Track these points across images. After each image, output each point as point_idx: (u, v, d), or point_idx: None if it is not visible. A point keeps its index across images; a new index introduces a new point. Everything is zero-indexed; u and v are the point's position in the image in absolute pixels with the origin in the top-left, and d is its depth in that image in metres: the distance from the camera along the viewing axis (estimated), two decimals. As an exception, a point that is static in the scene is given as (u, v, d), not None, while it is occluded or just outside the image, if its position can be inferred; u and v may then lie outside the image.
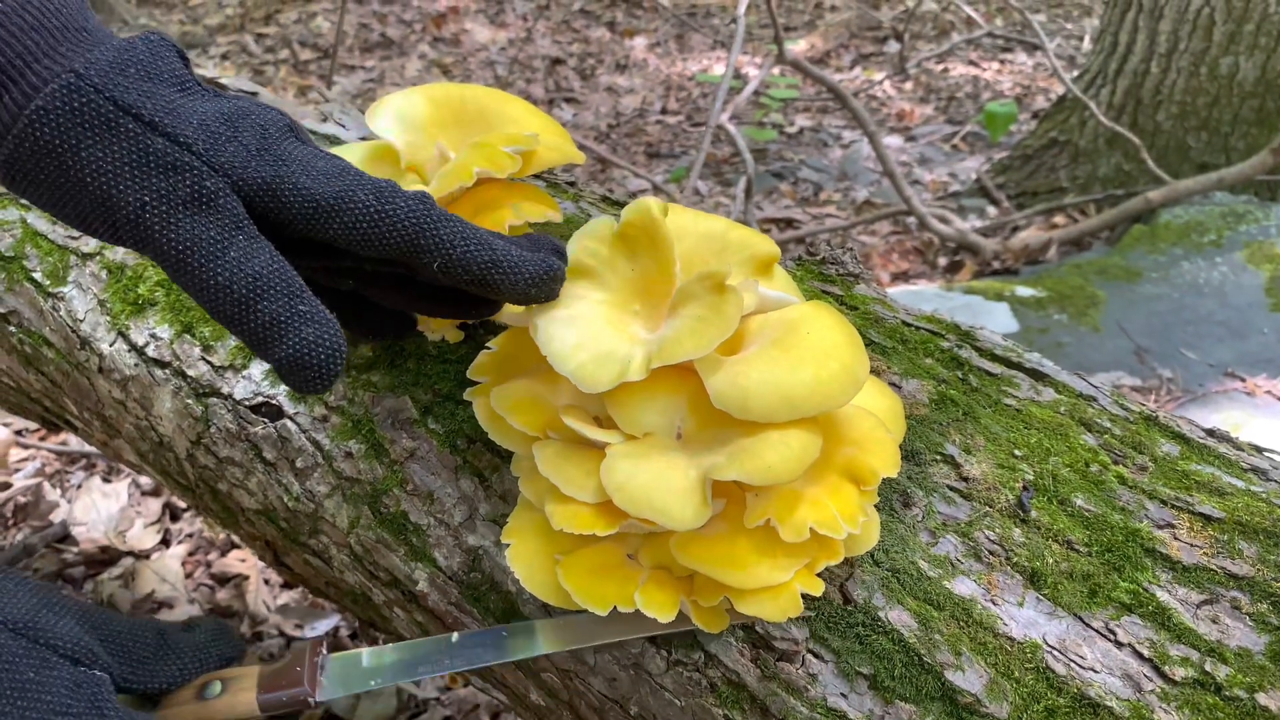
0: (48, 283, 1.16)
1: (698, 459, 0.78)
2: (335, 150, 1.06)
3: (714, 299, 0.78)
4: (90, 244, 1.16)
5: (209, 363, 1.07)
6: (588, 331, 0.80)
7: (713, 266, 0.82)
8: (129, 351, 1.11)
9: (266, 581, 2.20)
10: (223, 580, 2.22)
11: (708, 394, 0.78)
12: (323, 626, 2.08)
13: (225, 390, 1.05)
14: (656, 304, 0.83)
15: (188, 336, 1.08)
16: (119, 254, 1.15)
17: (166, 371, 1.09)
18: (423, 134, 1.04)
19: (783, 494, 0.78)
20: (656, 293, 0.83)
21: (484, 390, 0.87)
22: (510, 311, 0.88)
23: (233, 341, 1.07)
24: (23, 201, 1.22)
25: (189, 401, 1.07)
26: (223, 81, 1.37)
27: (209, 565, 2.26)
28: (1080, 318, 2.99)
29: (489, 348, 0.91)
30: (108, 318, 1.13)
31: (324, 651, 0.88)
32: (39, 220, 1.19)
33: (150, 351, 1.09)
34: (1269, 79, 3.68)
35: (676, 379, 0.81)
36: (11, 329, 1.20)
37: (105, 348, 1.12)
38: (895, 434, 0.85)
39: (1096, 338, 2.93)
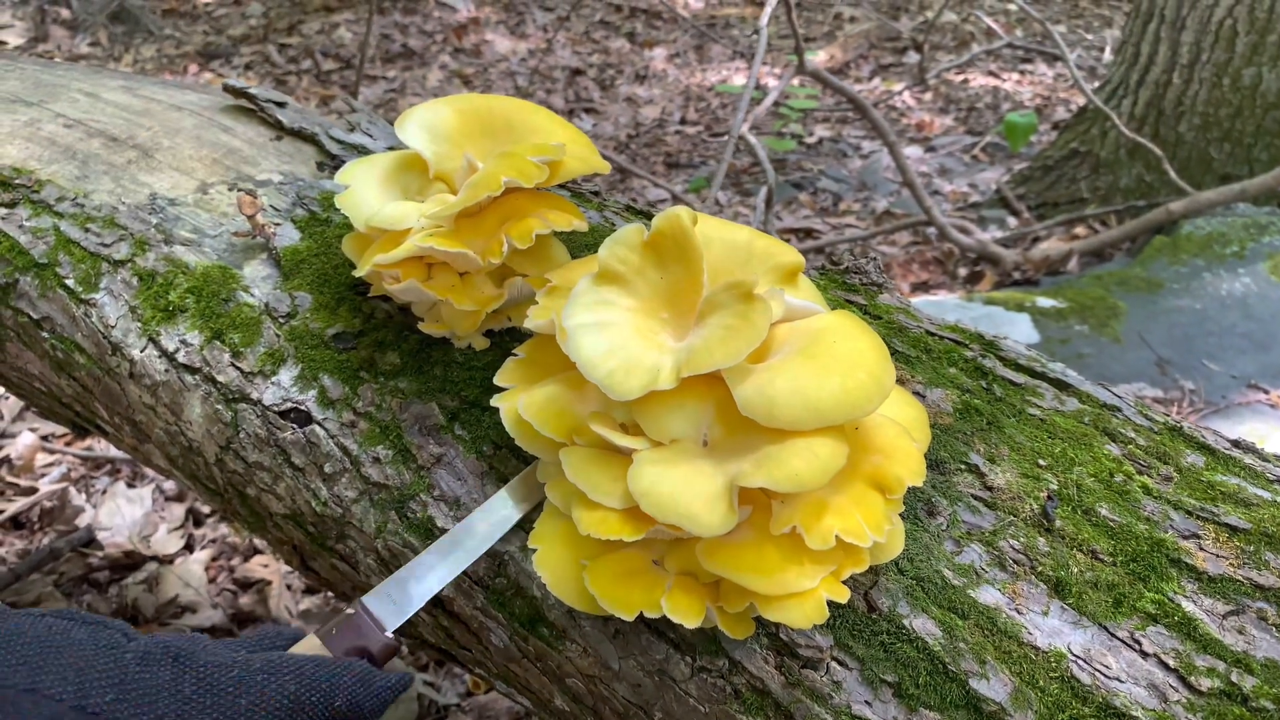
0: (80, 289, 1.18)
1: (724, 466, 0.79)
2: (362, 160, 1.08)
3: (743, 308, 0.79)
4: (122, 251, 1.18)
5: (238, 369, 1.08)
6: (617, 339, 0.81)
7: (740, 276, 0.83)
8: (159, 357, 1.12)
9: (289, 587, 2.22)
10: (245, 585, 2.24)
11: (735, 401, 0.78)
12: (344, 632, 2.09)
13: (254, 396, 1.07)
14: (684, 312, 0.84)
15: (217, 343, 1.10)
16: (150, 261, 1.17)
17: (196, 377, 1.10)
18: (450, 144, 1.05)
19: (809, 501, 0.78)
20: (684, 301, 0.84)
21: (511, 396, 0.88)
22: (535, 318, 0.89)
23: (262, 348, 1.08)
24: (56, 209, 1.24)
25: (218, 407, 1.09)
26: (251, 91, 1.39)
27: (232, 570, 2.28)
28: (1101, 329, 2.98)
29: (516, 354, 0.92)
30: (139, 324, 1.14)
31: (358, 602, 0.89)
32: (71, 228, 1.20)
33: (180, 357, 1.11)
34: (1292, 90, 3.67)
35: (704, 386, 0.82)
36: (44, 335, 1.22)
37: (136, 353, 1.13)
38: (920, 443, 0.85)
39: (1118, 349, 2.92)
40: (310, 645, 0.85)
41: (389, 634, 0.87)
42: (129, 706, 0.71)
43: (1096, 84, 4.56)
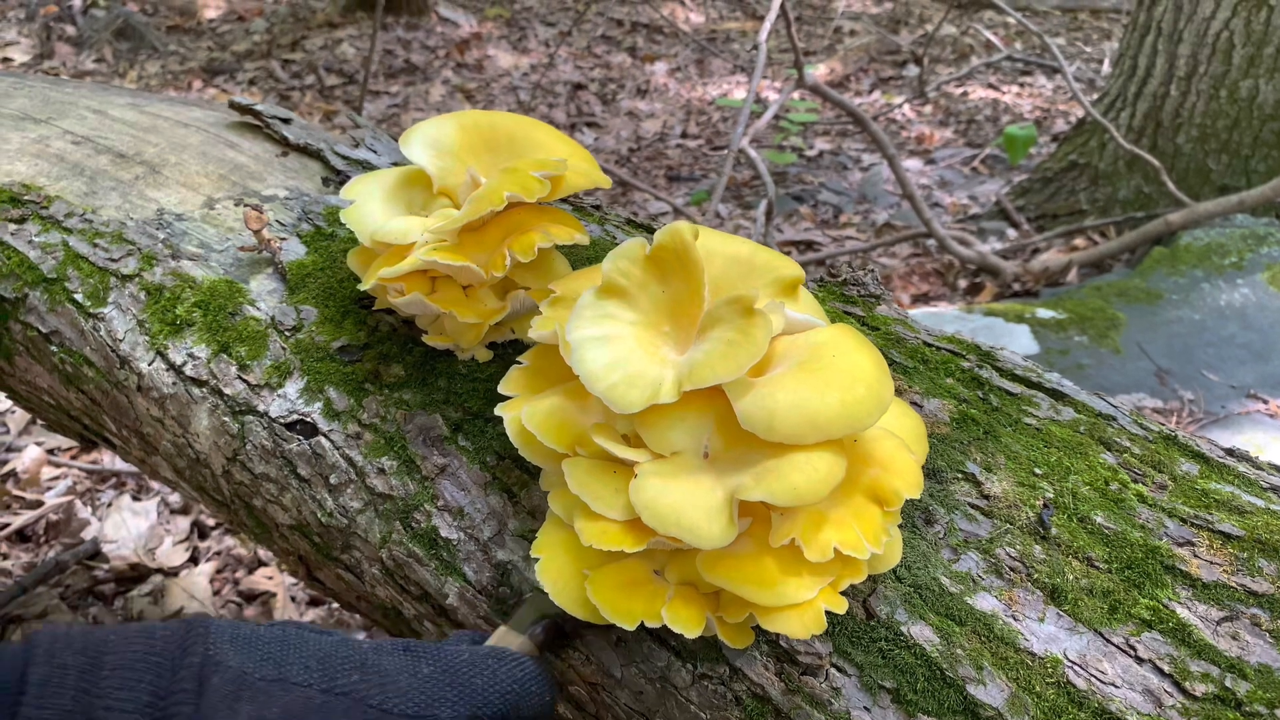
0: (89, 303, 1.19)
1: (724, 479, 0.80)
2: (367, 176, 1.10)
3: (743, 322, 0.80)
4: (130, 265, 1.19)
5: (245, 381, 1.10)
6: (620, 352, 0.82)
7: (741, 290, 0.84)
8: (167, 370, 1.14)
9: (293, 599, 2.23)
10: (250, 597, 2.25)
11: (735, 415, 0.79)
12: (348, 644, 2.10)
13: (261, 408, 1.08)
14: (686, 325, 0.85)
15: (224, 356, 1.11)
16: (157, 275, 1.18)
17: (203, 390, 1.11)
18: (454, 159, 1.07)
19: (808, 514, 0.79)
20: (686, 314, 0.85)
21: (515, 405, 0.89)
22: (539, 329, 0.90)
23: (268, 360, 1.10)
24: (64, 225, 1.25)
25: (225, 419, 1.10)
26: (257, 108, 1.41)
27: (237, 583, 2.29)
28: (1101, 340, 2.99)
29: (519, 363, 0.93)
30: (146, 337, 1.16)
31: (535, 586, 0.90)
32: (80, 243, 1.22)
33: (188, 370, 1.12)
34: (1290, 102, 3.69)
35: (704, 399, 0.83)
36: (53, 348, 1.24)
37: (144, 367, 1.15)
38: (918, 454, 0.86)
39: (1117, 359, 2.93)
40: (501, 634, 0.86)
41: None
42: (374, 685, 0.74)
43: (1095, 96, 4.58)
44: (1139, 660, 0.81)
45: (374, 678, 0.75)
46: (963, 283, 3.82)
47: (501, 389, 0.91)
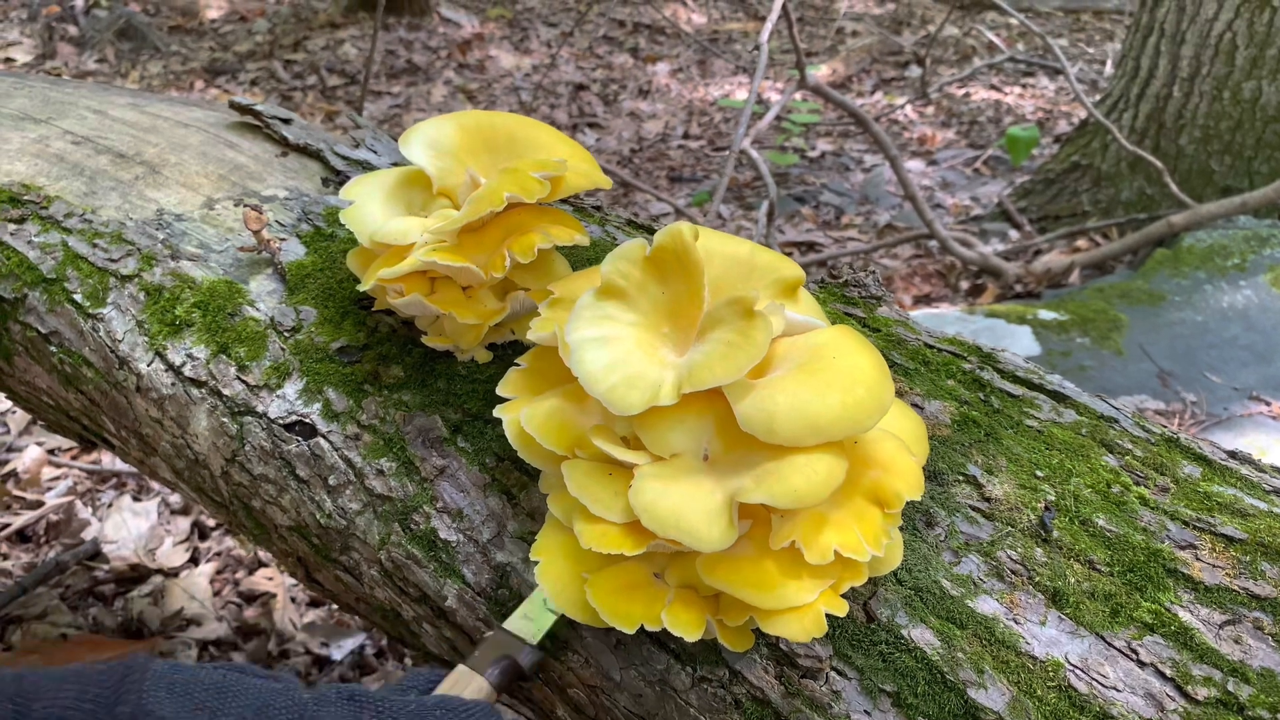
0: (88, 304, 1.19)
1: (724, 481, 0.79)
2: (367, 176, 1.09)
3: (743, 324, 0.80)
4: (129, 266, 1.19)
5: (244, 382, 1.09)
6: (619, 354, 0.82)
7: (741, 291, 0.84)
8: (166, 371, 1.13)
9: (293, 600, 2.22)
10: (250, 598, 2.25)
11: (735, 417, 0.79)
12: (349, 644, 2.10)
13: (260, 409, 1.08)
14: (686, 327, 0.85)
15: (223, 356, 1.11)
16: (157, 276, 1.18)
17: (202, 391, 1.11)
18: (454, 160, 1.07)
19: (808, 517, 0.79)
20: (686, 316, 0.85)
21: (513, 406, 0.89)
22: (538, 330, 0.90)
23: (268, 361, 1.10)
24: (64, 225, 1.25)
25: (224, 420, 1.10)
26: (257, 108, 1.41)
27: (237, 583, 2.29)
28: (1103, 341, 2.99)
29: (518, 364, 0.93)
30: (146, 338, 1.15)
31: (496, 625, 0.90)
32: (79, 243, 1.22)
33: (187, 371, 1.12)
34: (1292, 103, 3.68)
35: (704, 401, 0.83)
36: (52, 349, 1.23)
37: (143, 367, 1.15)
38: (918, 456, 0.86)
39: (1119, 361, 2.92)
40: (459, 674, 0.84)
41: (533, 644, 0.88)
42: None
43: (1097, 97, 4.57)
44: (1141, 664, 0.81)
45: None
46: (965, 284, 3.82)
47: (500, 391, 0.91)
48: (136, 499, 2.52)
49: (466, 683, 0.83)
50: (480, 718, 0.78)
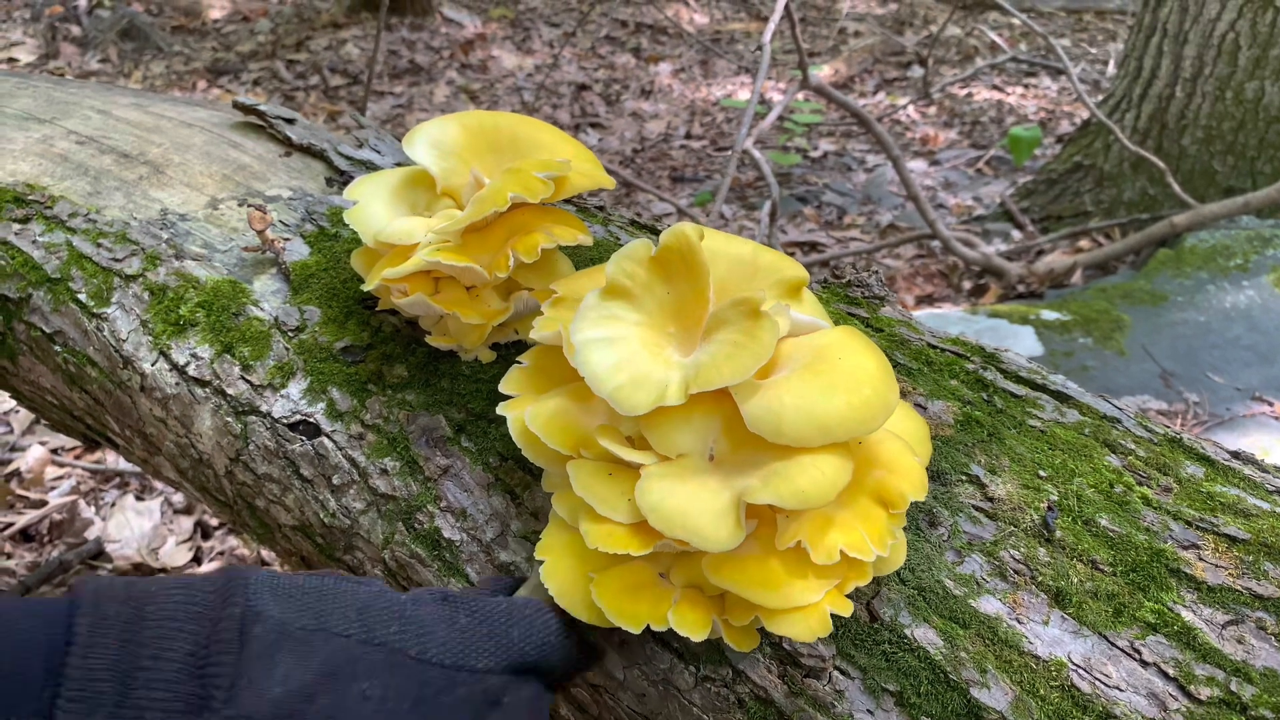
0: (92, 303, 1.19)
1: (731, 481, 0.79)
2: (371, 176, 1.10)
3: (749, 324, 0.80)
4: (133, 266, 1.19)
5: (248, 381, 1.10)
6: (625, 354, 0.82)
7: (746, 292, 0.84)
8: (170, 371, 1.14)
9: (295, 599, 2.23)
10: (253, 598, 2.24)
11: (741, 417, 0.79)
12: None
13: (264, 408, 1.08)
14: (690, 327, 0.85)
15: (228, 356, 1.11)
16: (161, 276, 1.18)
17: (206, 390, 1.11)
18: (458, 160, 1.07)
19: (814, 517, 0.79)
20: (691, 316, 0.85)
21: (516, 405, 0.89)
22: (541, 329, 0.90)
23: (272, 361, 1.10)
24: (68, 225, 1.25)
25: (228, 419, 1.10)
26: (261, 108, 1.41)
27: (239, 583, 2.29)
28: (1105, 341, 2.99)
29: (520, 362, 0.93)
30: (150, 338, 1.16)
31: None
32: (84, 243, 1.22)
33: (191, 371, 1.12)
34: (1295, 103, 3.68)
35: (710, 401, 0.83)
36: (57, 348, 1.24)
37: (147, 367, 1.15)
38: (922, 457, 0.86)
39: (1122, 361, 2.92)
40: (534, 583, 0.86)
41: None
42: (412, 636, 0.75)
43: (1100, 98, 4.57)
44: (1144, 664, 0.81)
45: (412, 628, 0.75)
46: (967, 284, 3.82)
47: (502, 388, 0.91)
48: (140, 498, 2.52)
49: (544, 590, 0.84)
50: (560, 623, 0.81)
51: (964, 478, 0.93)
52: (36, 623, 0.67)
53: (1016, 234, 4.20)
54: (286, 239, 1.20)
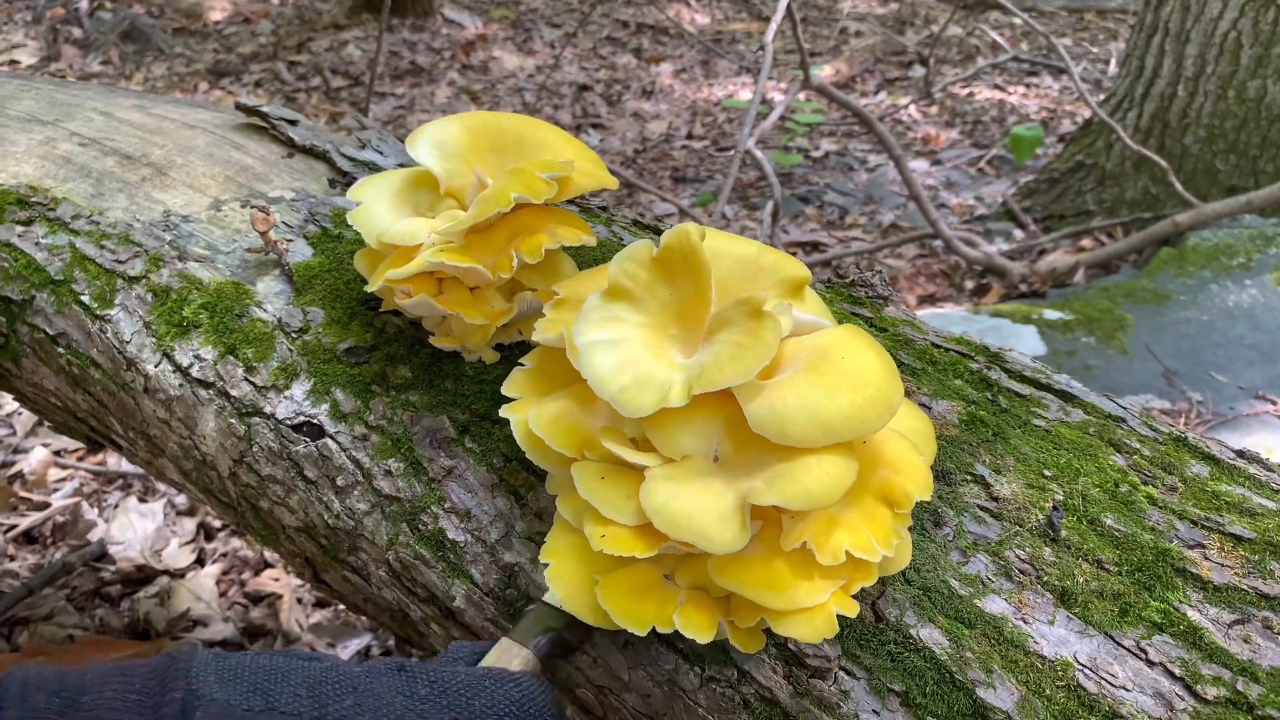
0: (95, 305, 1.19)
1: (735, 483, 0.79)
2: (374, 177, 1.10)
3: (753, 325, 0.80)
4: (136, 267, 1.19)
5: (251, 383, 1.10)
6: (628, 356, 0.82)
7: (748, 291, 0.84)
8: (174, 372, 1.14)
9: (299, 600, 2.23)
10: (256, 599, 2.25)
11: (744, 418, 0.79)
12: (355, 645, 2.10)
13: (268, 410, 1.08)
14: (693, 328, 0.85)
15: (231, 357, 1.11)
16: (164, 277, 1.18)
17: (210, 392, 1.11)
18: (461, 161, 1.07)
19: (819, 517, 0.79)
20: (693, 317, 0.85)
21: (519, 407, 0.89)
22: (543, 332, 0.90)
23: (275, 362, 1.10)
24: (71, 226, 1.25)
25: (232, 421, 1.10)
26: (263, 109, 1.41)
27: (243, 584, 2.29)
28: (1108, 341, 2.99)
29: (522, 364, 0.93)
30: (153, 339, 1.16)
31: (538, 599, 0.89)
32: (87, 245, 1.22)
33: (194, 372, 1.12)
34: (1298, 102, 3.68)
35: (714, 403, 0.82)
36: (60, 350, 1.24)
37: (151, 368, 1.15)
38: (926, 456, 0.86)
39: (1125, 361, 2.92)
40: (503, 646, 0.84)
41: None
42: (368, 710, 0.72)
43: (1102, 97, 4.57)
44: (1150, 663, 0.80)
45: (368, 701, 0.73)
46: (969, 284, 3.81)
47: (505, 391, 0.91)
48: (143, 500, 2.52)
49: (512, 655, 0.83)
50: (529, 688, 0.78)
51: (969, 477, 0.93)
52: None
53: (1019, 233, 4.19)
54: (289, 240, 1.20)
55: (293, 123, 1.40)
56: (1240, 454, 0.99)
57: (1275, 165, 3.76)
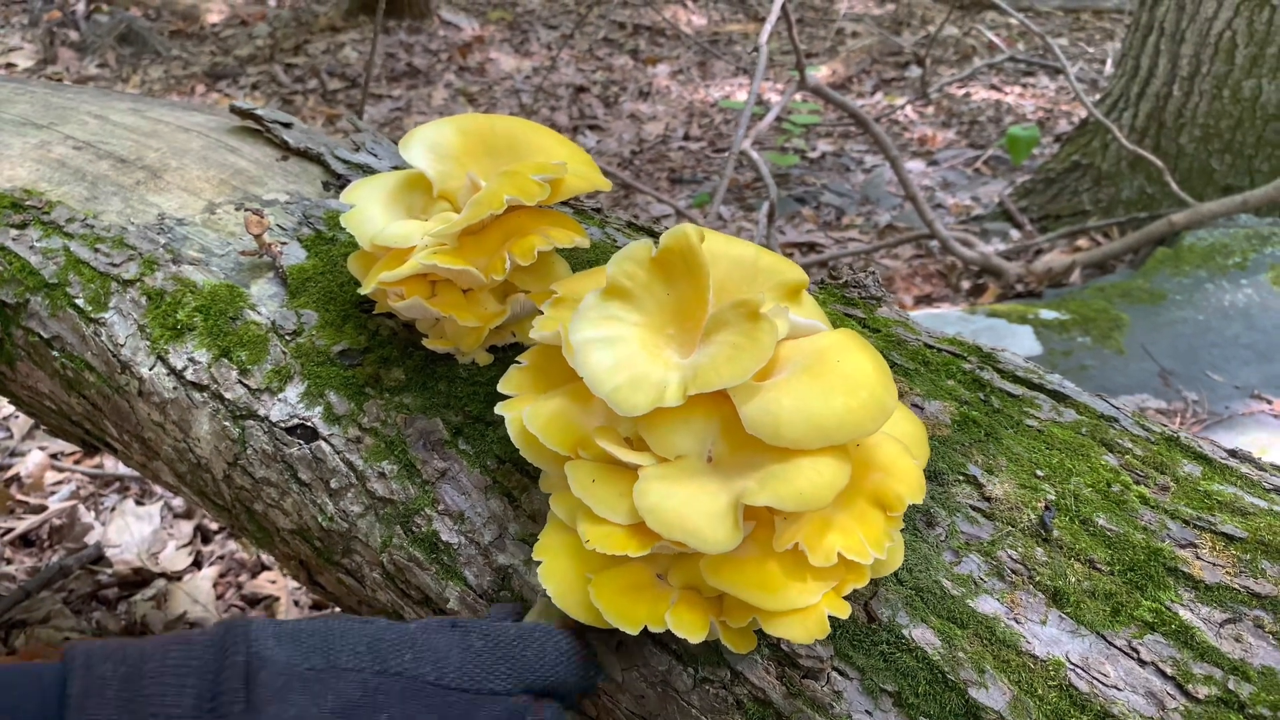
0: (90, 308, 1.19)
1: (729, 483, 0.79)
2: (367, 180, 1.10)
3: (749, 326, 0.80)
4: (131, 270, 1.20)
5: (246, 386, 1.10)
6: (624, 355, 0.82)
7: (745, 293, 0.84)
8: (168, 375, 1.14)
9: (296, 603, 2.23)
10: (253, 602, 2.25)
11: (739, 418, 0.79)
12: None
13: (261, 412, 1.08)
14: (690, 328, 0.85)
15: (225, 360, 1.11)
16: (158, 280, 1.18)
17: (204, 394, 1.11)
18: (454, 163, 1.07)
19: (812, 519, 0.79)
20: (690, 317, 0.85)
21: (515, 404, 0.89)
22: (540, 329, 0.90)
23: (269, 365, 1.10)
24: (66, 230, 1.25)
25: (226, 424, 1.10)
26: (258, 112, 1.41)
27: (240, 587, 2.29)
28: (1104, 340, 2.99)
29: (518, 362, 0.93)
30: (147, 342, 1.16)
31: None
32: (81, 248, 1.22)
33: (189, 375, 1.12)
34: (1293, 101, 3.68)
35: (709, 403, 0.83)
36: (54, 353, 1.24)
37: (145, 371, 1.15)
38: (919, 458, 0.86)
39: (1121, 360, 2.92)
40: (543, 604, 0.86)
41: None
42: (428, 662, 0.74)
43: (1098, 97, 4.58)
44: (1141, 663, 0.81)
45: (427, 655, 0.75)
46: (966, 284, 3.82)
47: (501, 388, 0.91)
48: (139, 503, 2.52)
49: (553, 612, 0.85)
50: (569, 642, 0.81)
51: (961, 478, 0.93)
52: (28, 687, 0.66)
53: (1015, 233, 4.20)
54: (283, 243, 1.20)
55: (287, 125, 1.40)
56: (1232, 453, 0.99)
57: (1270, 164, 3.77)
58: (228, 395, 1.10)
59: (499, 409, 0.89)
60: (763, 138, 5.37)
